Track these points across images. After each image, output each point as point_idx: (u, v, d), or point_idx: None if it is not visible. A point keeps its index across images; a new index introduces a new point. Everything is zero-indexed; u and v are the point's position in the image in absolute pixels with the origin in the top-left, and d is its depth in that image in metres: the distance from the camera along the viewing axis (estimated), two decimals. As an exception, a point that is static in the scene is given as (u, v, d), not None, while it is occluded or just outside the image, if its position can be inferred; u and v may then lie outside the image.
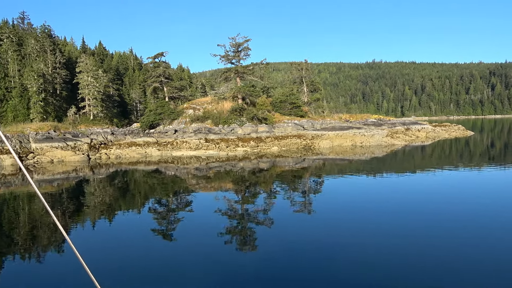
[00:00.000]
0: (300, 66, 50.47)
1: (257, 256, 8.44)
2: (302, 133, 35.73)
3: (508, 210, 11.56)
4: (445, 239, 8.97)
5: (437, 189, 15.34)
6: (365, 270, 7.42)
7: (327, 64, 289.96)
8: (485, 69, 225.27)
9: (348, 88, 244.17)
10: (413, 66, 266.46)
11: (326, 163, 24.75)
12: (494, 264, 7.48)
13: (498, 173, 19.19)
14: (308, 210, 12.46)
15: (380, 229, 10.04)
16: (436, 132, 46.93)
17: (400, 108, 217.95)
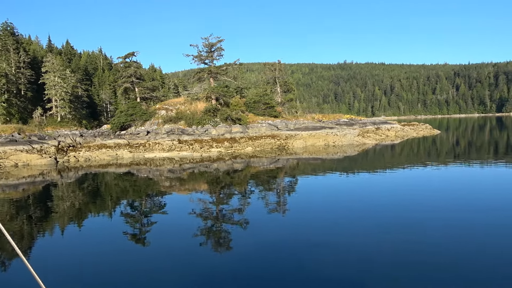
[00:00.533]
0: (274, 67, 50.76)
1: (232, 257, 8.39)
2: (276, 133, 35.93)
3: (476, 203, 12.02)
4: (419, 236, 9.23)
5: (407, 186, 15.78)
6: (339, 269, 7.53)
7: (300, 65, 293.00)
8: (450, 70, 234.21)
9: (320, 89, 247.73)
10: (383, 67, 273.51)
11: (300, 162, 24.98)
12: (464, 255, 7.76)
13: (463, 170, 19.94)
14: (282, 210, 12.52)
15: (353, 227, 10.21)
16: (405, 131, 48.35)
17: (370, 108, 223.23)
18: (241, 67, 53.20)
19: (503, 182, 16.19)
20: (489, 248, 8.22)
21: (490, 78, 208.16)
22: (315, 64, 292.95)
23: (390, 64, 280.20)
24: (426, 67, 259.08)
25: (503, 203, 12.15)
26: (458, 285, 6.57)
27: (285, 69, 55.28)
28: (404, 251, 8.29)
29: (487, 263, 7.48)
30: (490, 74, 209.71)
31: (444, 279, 6.79)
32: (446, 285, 6.57)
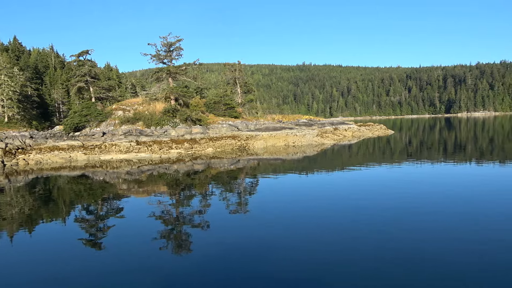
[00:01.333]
0: (234, 67, 50.79)
1: (193, 259, 8.28)
2: (236, 134, 35.93)
3: (428, 198, 12.68)
4: (373, 233, 9.59)
5: (363, 185, 16.34)
6: (299, 267, 7.65)
7: (260, 66, 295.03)
8: (402, 73, 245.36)
9: (280, 90, 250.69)
10: (340, 69, 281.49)
11: (260, 163, 25.14)
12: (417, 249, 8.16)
13: (415, 168, 20.95)
14: (244, 211, 12.54)
15: (313, 226, 10.43)
16: (361, 131, 50.07)
17: (328, 109, 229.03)
18: (201, 67, 52.77)
19: (453, 180, 17.19)
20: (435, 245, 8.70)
21: (439, 80, 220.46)
22: (275, 66, 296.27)
23: (347, 66, 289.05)
24: (381, 70, 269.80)
25: (452, 199, 12.92)
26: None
27: (245, 70, 55.49)
28: (360, 249, 8.58)
29: (428, 261, 7.90)
30: (439, 77, 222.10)
31: (395, 274, 7.10)
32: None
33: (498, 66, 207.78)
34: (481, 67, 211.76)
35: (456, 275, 6.97)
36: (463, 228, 9.69)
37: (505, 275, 6.90)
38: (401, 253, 8.17)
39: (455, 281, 6.75)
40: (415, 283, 6.74)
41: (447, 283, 6.69)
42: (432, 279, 6.85)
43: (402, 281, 6.84)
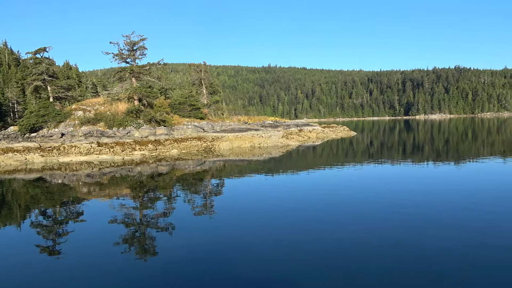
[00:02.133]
0: (199, 68, 50.33)
1: (158, 263, 8.11)
2: (202, 135, 35.62)
3: (389, 198, 13.13)
4: (338, 232, 9.80)
5: (327, 185, 16.69)
6: (266, 267, 7.69)
7: (226, 67, 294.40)
8: (364, 76, 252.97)
9: (246, 91, 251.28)
10: (304, 72, 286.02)
11: (226, 164, 25.06)
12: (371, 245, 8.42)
13: (376, 168, 21.65)
14: (209, 212, 12.44)
15: (279, 226, 10.51)
16: (325, 133, 51.11)
17: (294, 110, 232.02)
18: (166, 67, 51.85)
19: (412, 180, 17.91)
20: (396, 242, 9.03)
21: (399, 84, 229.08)
22: (241, 67, 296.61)
23: (311, 69, 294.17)
24: (344, 73, 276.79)
25: (409, 196, 13.46)
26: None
27: (210, 70, 55.21)
28: (326, 248, 8.74)
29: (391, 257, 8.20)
30: (399, 81, 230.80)
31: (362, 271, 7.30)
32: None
33: (453, 71, 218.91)
34: (437, 71, 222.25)
35: (393, 276, 7.26)
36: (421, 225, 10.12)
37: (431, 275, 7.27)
38: (366, 249, 8.40)
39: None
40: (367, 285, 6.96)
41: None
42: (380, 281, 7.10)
43: (363, 278, 7.04)
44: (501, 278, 6.83)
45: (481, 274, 7.04)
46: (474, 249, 8.28)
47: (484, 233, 9.32)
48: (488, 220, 10.42)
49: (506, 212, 11.09)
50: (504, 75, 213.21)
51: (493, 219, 10.48)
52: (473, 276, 6.98)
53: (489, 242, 8.67)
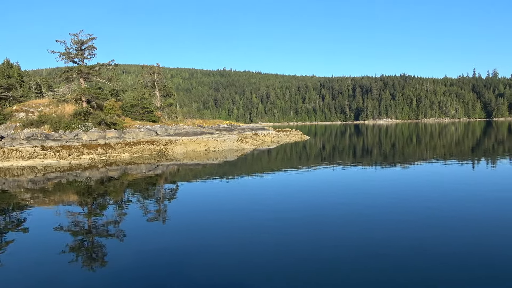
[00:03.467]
0: (152, 70, 49.23)
1: (107, 272, 7.78)
2: (155, 138, 34.78)
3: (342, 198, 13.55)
4: (296, 235, 9.96)
5: (282, 188, 16.92)
6: (222, 273, 7.63)
7: (180, 70, 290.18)
8: (317, 82, 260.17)
9: (201, 94, 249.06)
10: (259, 76, 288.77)
11: (180, 168, 24.63)
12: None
13: (330, 171, 22.31)
14: (163, 218, 12.15)
15: (234, 230, 10.48)
16: (279, 136, 51.86)
17: (248, 114, 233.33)
18: (117, 68, 50.14)
19: (359, 182, 18.63)
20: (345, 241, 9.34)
21: (349, 90, 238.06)
22: (195, 70, 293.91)
23: (266, 74, 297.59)
24: (297, 78, 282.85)
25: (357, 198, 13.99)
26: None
27: (164, 73, 54.18)
28: (282, 250, 8.84)
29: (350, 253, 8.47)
30: (349, 87, 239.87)
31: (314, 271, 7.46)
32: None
33: (399, 78, 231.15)
34: (385, 79, 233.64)
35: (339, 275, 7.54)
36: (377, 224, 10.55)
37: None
38: (323, 251, 8.60)
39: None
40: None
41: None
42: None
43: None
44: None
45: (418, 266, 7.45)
46: (412, 241, 8.76)
47: (423, 227, 9.90)
48: (428, 214, 11.08)
49: (439, 208, 11.85)
50: (444, 83, 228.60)
51: (432, 216, 11.17)
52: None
53: (431, 234, 9.22)
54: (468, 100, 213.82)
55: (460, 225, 10.48)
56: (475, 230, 9.94)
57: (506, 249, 8.46)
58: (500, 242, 8.99)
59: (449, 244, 8.87)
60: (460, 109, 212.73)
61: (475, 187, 15.96)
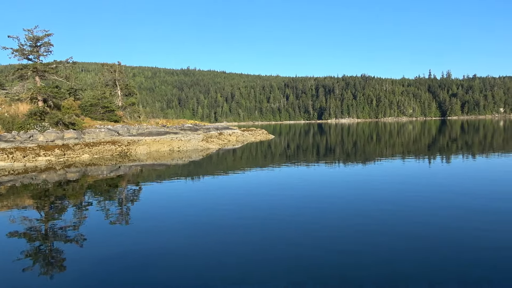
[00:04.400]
0: (113, 68, 47.76)
1: (66, 278, 7.46)
2: (117, 139, 33.78)
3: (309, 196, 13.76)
4: (255, 235, 9.99)
5: (248, 187, 16.95)
6: (187, 274, 7.53)
7: (142, 68, 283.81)
8: (281, 82, 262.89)
9: (164, 93, 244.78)
10: (224, 76, 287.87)
11: (144, 169, 24.08)
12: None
13: (294, 170, 22.60)
14: (125, 221, 11.82)
15: (199, 232, 10.38)
16: (245, 136, 51.95)
17: (213, 114, 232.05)
18: (75, 66, 48.14)
19: (324, 178, 19.02)
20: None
21: (312, 90, 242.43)
22: (158, 69, 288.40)
23: (230, 73, 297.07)
24: (262, 78, 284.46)
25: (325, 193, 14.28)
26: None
27: (126, 71, 52.69)
28: (248, 252, 8.85)
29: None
30: (312, 87, 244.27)
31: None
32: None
33: (360, 79, 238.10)
34: (346, 79, 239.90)
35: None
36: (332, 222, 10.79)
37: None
38: (295, 250, 8.69)
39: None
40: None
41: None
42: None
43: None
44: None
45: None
46: (376, 237, 9.06)
47: (380, 222, 10.27)
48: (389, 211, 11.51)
49: (394, 207, 12.35)
50: (402, 84, 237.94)
51: (393, 209, 11.61)
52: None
53: (392, 230, 9.58)
54: (424, 99, 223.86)
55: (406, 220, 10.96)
56: (421, 227, 10.42)
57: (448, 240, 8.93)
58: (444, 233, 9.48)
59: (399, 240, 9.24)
60: (417, 109, 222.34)
61: (428, 186, 16.74)
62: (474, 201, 12.86)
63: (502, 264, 7.51)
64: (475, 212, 11.45)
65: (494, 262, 7.63)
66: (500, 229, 9.72)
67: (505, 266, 7.44)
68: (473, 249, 8.37)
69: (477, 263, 7.62)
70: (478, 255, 8.04)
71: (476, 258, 7.85)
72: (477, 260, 7.74)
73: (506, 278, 6.93)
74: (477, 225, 10.11)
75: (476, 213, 11.33)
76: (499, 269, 7.31)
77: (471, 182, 16.79)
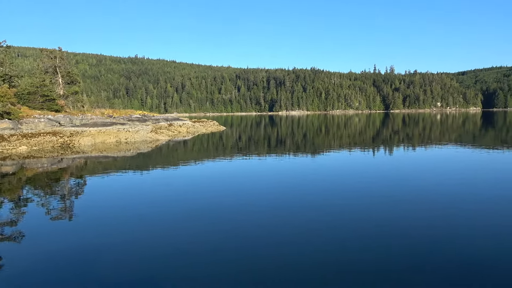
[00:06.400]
0: (53, 54, 44.83)
1: (2, 277, 6.95)
2: (58, 129, 31.90)
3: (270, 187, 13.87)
4: (203, 226, 9.94)
5: (199, 180, 16.79)
6: (132, 268, 7.33)
7: (86, 55, 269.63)
8: (232, 73, 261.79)
9: (110, 82, 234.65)
10: (174, 65, 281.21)
11: (88, 161, 22.97)
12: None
13: (245, 162, 22.71)
14: (69, 216, 11.22)
15: (146, 227, 10.13)
16: (196, 127, 51.28)
17: (163, 104, 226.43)
18: (10, 51, 44.61)
19: (280, 170, 19.31)
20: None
21: (264, 82, 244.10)
22: (104, 56, 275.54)
23: (181, 63, 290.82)
24: (213, 68, 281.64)
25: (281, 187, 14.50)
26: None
27: (68, 58, 49.65)
28: (190, 249, 8.78)
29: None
30: (264, 79, 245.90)
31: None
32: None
33: (309, 72, 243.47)
34: (297, 72, 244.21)
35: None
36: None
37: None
38: (244, 247, 8.72)
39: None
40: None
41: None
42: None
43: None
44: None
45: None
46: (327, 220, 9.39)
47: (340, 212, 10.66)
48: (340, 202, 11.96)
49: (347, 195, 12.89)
50: (349, 78, 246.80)
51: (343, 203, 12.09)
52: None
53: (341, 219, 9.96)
54: (369, 93, 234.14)
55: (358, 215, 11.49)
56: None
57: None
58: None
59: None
60: (363, 102, 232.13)
61: (371, 176, 17.63)
62: (406, 190, 13.73)
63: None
64: (403, 201, 12.23)
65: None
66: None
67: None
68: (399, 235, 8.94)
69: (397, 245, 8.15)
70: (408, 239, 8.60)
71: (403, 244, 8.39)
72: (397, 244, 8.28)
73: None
74: (408, 211, 10.80)
75: (407, 202, 12.11)
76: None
77: (410, 170, 17.90)
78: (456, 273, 6.90)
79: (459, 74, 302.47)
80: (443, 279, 6.66)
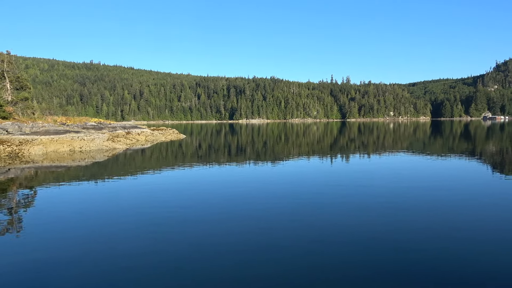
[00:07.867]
0: (1, 58, 42.45)
1: None
2: (5, 137, 30.08)
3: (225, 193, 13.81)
4: (165, 234, 9.77)
5: (157, 189, 16.45)
6: (85, 282, 7.06)
7: (37, 60, 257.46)
8: (192, 81, 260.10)
9: (63, 89, 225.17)
10: (132, 72, 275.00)
11: (39, 171, 21.82)
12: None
13: (207, 170, 22.55)
14: (16, 229, 10.59)
15: (101, 238, 9.79)
16: (155, 135, 50.27)
17: (120, 112, 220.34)
18: (-49, 54, 41.85)
19: (235, 178, 19.32)
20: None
21: (224, 90, 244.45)
22: (57, 61, 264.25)
23: (139, 69, 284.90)
24: (172, 76, 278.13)
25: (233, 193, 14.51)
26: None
27: (17, 62, 47.19)
28: (155, 252, 8.60)
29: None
30: (224, 87, 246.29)
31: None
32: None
33: (269, 81, 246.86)
34: (257, 80, 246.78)
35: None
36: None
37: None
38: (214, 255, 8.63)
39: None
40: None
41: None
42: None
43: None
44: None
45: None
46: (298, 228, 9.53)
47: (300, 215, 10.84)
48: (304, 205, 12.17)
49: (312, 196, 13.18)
50: (308, 87, 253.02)
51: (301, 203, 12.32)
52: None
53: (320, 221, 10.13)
54: (327, 103, 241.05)
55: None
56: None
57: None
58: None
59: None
60: (321, 111, 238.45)
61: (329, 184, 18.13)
62: (359, 197, 14.28)
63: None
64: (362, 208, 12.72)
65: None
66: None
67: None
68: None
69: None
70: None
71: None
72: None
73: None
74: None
75: (363, 209, 12.60)
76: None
77: (364, 177, 18.59)
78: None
79: (410, 85, 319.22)
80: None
